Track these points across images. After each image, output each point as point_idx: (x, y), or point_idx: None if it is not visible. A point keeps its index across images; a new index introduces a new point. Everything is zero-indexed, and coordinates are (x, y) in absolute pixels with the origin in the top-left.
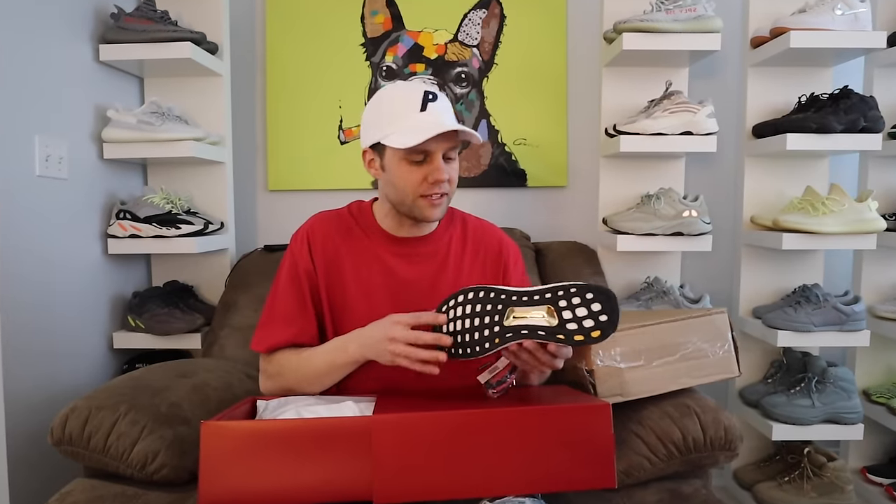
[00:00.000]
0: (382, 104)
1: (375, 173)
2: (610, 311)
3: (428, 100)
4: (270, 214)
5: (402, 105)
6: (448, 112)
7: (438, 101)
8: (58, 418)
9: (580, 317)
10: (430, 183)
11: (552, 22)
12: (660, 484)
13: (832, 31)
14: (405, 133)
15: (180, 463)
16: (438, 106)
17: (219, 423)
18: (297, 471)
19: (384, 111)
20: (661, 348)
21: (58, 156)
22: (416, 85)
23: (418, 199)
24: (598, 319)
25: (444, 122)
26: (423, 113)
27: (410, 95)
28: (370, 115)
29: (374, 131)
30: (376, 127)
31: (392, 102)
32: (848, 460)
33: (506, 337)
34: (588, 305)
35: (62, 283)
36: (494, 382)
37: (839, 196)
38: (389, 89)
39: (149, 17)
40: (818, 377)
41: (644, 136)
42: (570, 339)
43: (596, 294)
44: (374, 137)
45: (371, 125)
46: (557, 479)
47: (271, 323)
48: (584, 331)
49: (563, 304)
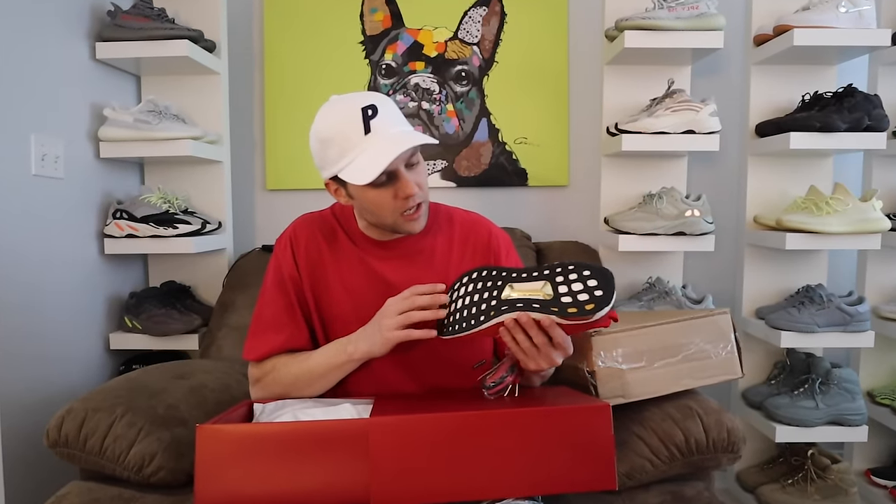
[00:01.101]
0: (323, 137)
1: (345, 202)
2: (605, 286)
3: (368, 117)
4: (269, 214)
5: (344, 133)
6: (393, 120)
7: (379, 112)
8: (54, 420)
9: (575, 291)
10: (402, 199)
11: (553, 19)
12: (662, 486)
13: (836, 28)
14: (359, 167)
15: (177, 465)
16: (380, 120)
17: (215, 426)
18: (293, 474)
19: (328, 144)
20: (663, 349)
21: (54, 155)
22: (349, 103)
23: (397, 218)
24: (593, 294)
25: (394, 141)
26: (369, 136)
27: (348, 119)
28: (317, 151)
29: (328, 166)
30: (328, 161)
31: (332, 132)
32: (852, 462)
33: (501, 310)
34: (584, 281)
35: (58, 283)
36: (490, 383)
37: (843, 195)
38: (325, 117)
39: (146, 14)
40: (822, 378)
41: (646, 135)
42: (564, 312)
43: (593, 271)
44: (330, 171)
45: (322, 160)
46: (557, 481)
47: (261, 331)
48: (579, 304)
49: (560, 280)
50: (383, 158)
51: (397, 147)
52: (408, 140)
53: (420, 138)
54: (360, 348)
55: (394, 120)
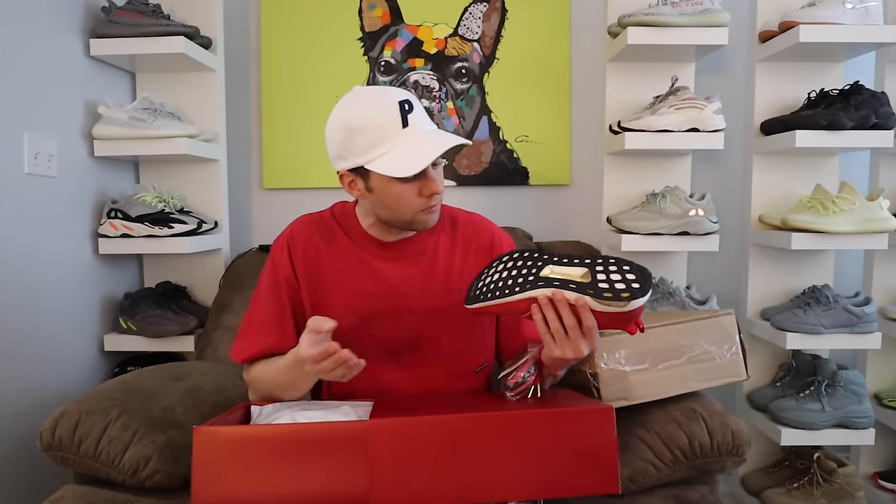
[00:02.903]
0: (353, 126)
1: (359, 195)
2: (643, 280)
3: (405, 111)
4: (266, 213)
5: (380, 123)
6: (425, 117)
7: (415, 108)
8: (47, 423)
9: (614, 280)
10: (426, 196)
11: (555, 16)
12: (665, 490)
13: (843, 25)
14: (397, 159)
15: (173, 469)
16: (416, 115)
17: (212, 428)
18: (291, 477)
19: (358, 132)
20: (666, 351)
21: (47, 153)
22: (386, 95)
23: (416, 213)
24: (630, 285)
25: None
26: (407, 129)
27: (385, 110)
28: (340, 140)
29: (352, 156)
30: (354, 152)
31: (365, 121)
32: (859, 466)
33: (537, 285)
34: (623, 274)
35: (52, 283)
36: (512, 384)
37: (850, 194)
38: (355, 105)
39: (140, 10)
40: (828, 380)
41: (649, 133)
42: (600, 294)
43: (633, 267)
44: (353, 162)
45: (346, 149)
46: (559, 485)
47: (250, 333)
48: (615, 290)
49: (600, 269)
50: (426, 154)
51: (440, 145)
52: (447, 140)
53: (455, 138)
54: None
55: (426, 118)
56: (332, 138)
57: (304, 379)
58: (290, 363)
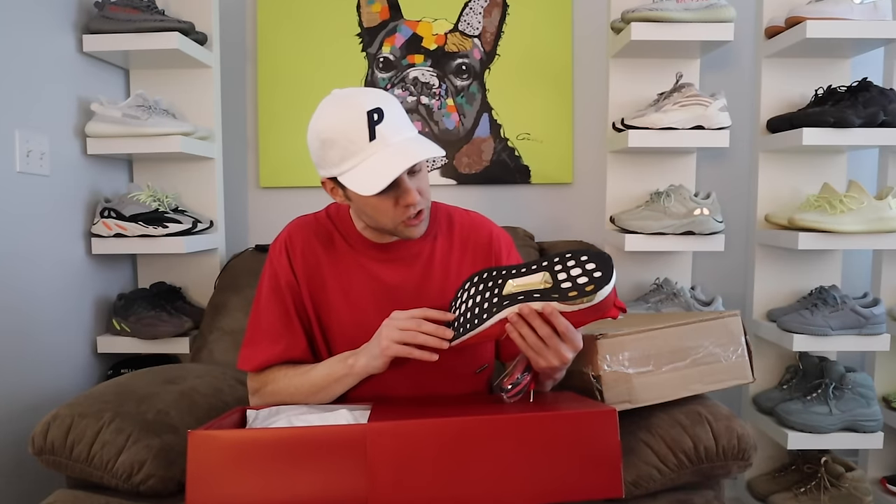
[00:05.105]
0: (324, 138)
1: (341, 201)
2: (603, 267)
3: (373, 122)
4: (262, 213)
5: (348, 136)
6: (399, 124)
7: (385, 117)
8: (39, 427)
9: (574, 276)
10: (403, 207)
11: (557, 11)
12: (670, 495)
13: (851, 20)
14: (364, 175)
15: (167, 473)
16: (387, 125)
17: (207, 432)
18: (288, 482)
19: (329, 145)
20: (671, 353)
21: (39, 151)
22: (354, 104)
23: (397, 224)
24: (592, 276)
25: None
26: (374, 142)
27: (352, 123)
28: (316, 150)
29: (327, 166)
30: (328, 162)
31: (335, 134)
32: (867, 470)
33: (503, 305)
34: (583, 266)
35: (44, 284)
36: (508, 386)
37: (858, 193)
38: (327, 115)
39: (134, 5)
40: (836, 383)
41: (653, 131)
42: (565, 296)
43: (590, 256)
44: (329, 172)
45: (322, 159)
46: (562, 489)
47: (257, 340)
48: (578, 287)
49: (559, 269)
50: (390, 171)
51: (404, 160)
52: (414, 153)
53: (426, 150)
54: (359, 361)
55: (399, 125)
56: (310, 146)
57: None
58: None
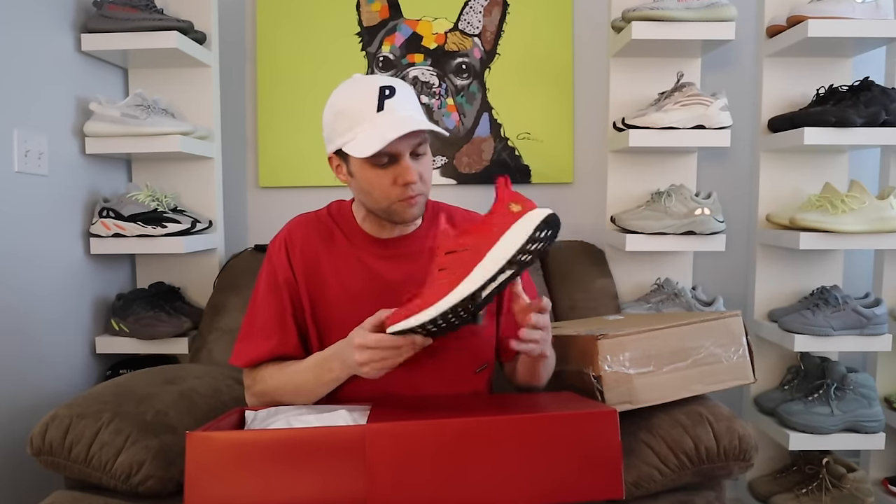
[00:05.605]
0: (337, 109)
1: (344, 179)
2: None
3: (384, 96)
4: (261, 212)
5: (358, 107)
6: (409, 104)
7: (396, 94)
8: (37, 427)
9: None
10: (400, 185)
11: (557, 10)
12: (671, 496)
13: (852, 19)
14: (364, 140)
15: (166, 474)
16: (397, 101)
17: (205, 433)
18: (287, 484)
19: (340, 115)
20: (672, 353)
21: (37, 151)
22: (371, 81)
23: (392, 202)
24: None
25: (403, 121)
26: (380, 113)
27: (365, 95)
28: (328, 121)
29: (334, 137)
30: (336, 133)
31: (347, 105)
32: (868, 471)
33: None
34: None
35: (42, 284)
36: None
37: (859, 193)
38: (344, 90)
39: (133, 4)
40: (837, 384)
41: (654, 130)
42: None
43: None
44: (335, 144)
45: (331, 131)
46: (563, 490)
47: (250, 336)
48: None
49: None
50: (388, 133)
51: (403, 127)
52: (415, 123)
53: (426, 124)
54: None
55: (409, 105)
56: (325, 121)
57: (324, 383)
58: (313, 365)
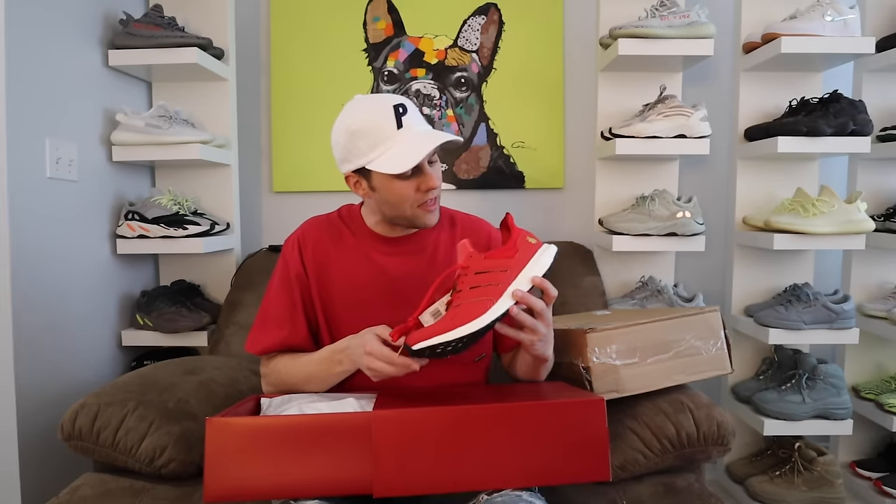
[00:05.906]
0: (354, 129)
1: (364, 194)
2: None
3: (400, 114)
4: (275, 215)
5: (377, 125)
6: (419, 118)
7: (409, 111)
8: (68, 414)
9: None
10: (423, 192)
11: (549, 28)
12: (654, 478)
13: (822, 36)
14: (394, 157)
15: (187, 457)
16: (410, 117)
17: (223, 419)
18: (299, 464)
19: (360, 136)
20: (655, 346)
21: (68, 158)
22: (380, 100)
23: (416, 209)
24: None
25: (428, 136)
26: (401, 130)
27: (381, 114)
28: (344, 143)
29: (354, 158)
30: (356, 153)
31: (364, 125)
32: (838, 455)
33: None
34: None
35: (72, 282)
36: None
37: (829, 197)
38: (355, 111)
39: (157, 23)
40: (808, 374)
41: (639, 139)
42: None
43: None
44: (356, 164)
45: (349, 152)
46: (554, 472)
47: (263, 326)
48: None
49: None
50: (419, 150)
51: (430, 142)
52: (438, 136)
53: (448, 135)
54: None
55: (420, 120)
56: (337, 142)
57: (334, 374)
58: (324, 358)
